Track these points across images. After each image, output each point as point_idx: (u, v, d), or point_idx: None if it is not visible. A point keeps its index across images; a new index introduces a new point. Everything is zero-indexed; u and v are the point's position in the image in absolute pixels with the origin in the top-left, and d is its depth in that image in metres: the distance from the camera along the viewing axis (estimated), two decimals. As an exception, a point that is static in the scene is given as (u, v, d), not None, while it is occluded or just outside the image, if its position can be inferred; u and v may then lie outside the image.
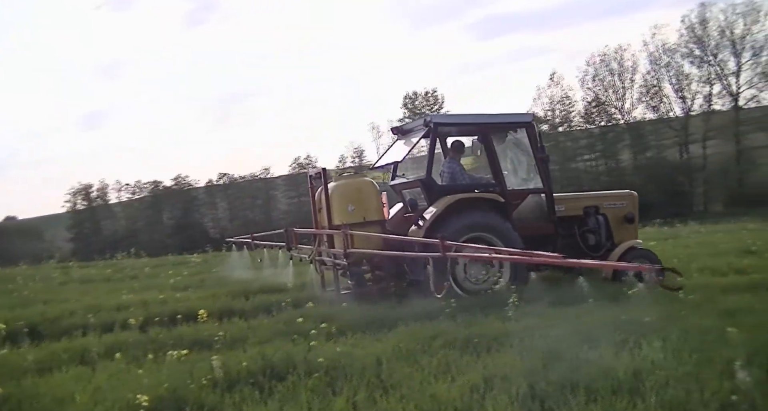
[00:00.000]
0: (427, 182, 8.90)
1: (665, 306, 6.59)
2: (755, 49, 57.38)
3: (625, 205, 9.94)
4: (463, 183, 9.17)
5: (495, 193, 8.99)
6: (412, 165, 10.00)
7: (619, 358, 4.82)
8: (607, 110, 62.85)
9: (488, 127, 9.29)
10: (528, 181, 9.51)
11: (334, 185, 9.05)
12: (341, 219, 8.78)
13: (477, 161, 9.91)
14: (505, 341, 5.57)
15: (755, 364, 4.36)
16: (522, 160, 9.62)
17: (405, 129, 10.08)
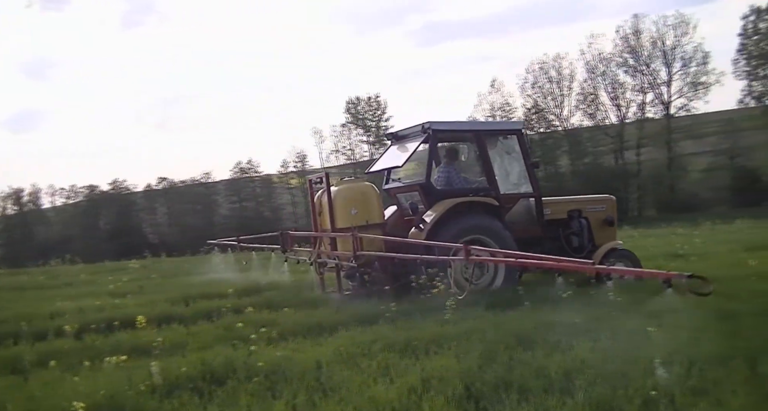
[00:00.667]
0: (426, 186, 9.23)
1: (596, 308, 6.83)
2: (685, 60, 59.83)
3: (604, 208, 10.44)
4: (459, 187, 9.45)
5: (490, 197, 9.32)
6: (404, 169, 10.23)
7: (551, 358, 5.00)
8: (546, 117, 64.31)
9: (482, 134, 9.68)
10: (519, 185, 9.86)
11: (337, 189, 9.27)
12: (344, 222, 8.97)
13: (461, 166, 10.11)
14: (443, 344, 5.70)
15: (676, 362, 4.61)
16: (512, 165, 9.95)
17: (399, 135, 10.37)
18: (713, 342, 5.13)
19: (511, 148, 9.92)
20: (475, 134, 9.68)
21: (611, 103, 62.52)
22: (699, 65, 59.77)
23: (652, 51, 60.46)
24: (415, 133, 9.81)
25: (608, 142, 62.77)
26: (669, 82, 60.59)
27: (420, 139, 9.51)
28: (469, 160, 10.13)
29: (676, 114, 61.19)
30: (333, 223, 9.13)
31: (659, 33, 59.96)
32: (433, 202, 9.10)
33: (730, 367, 4.57)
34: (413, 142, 9.73)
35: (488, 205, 9.24)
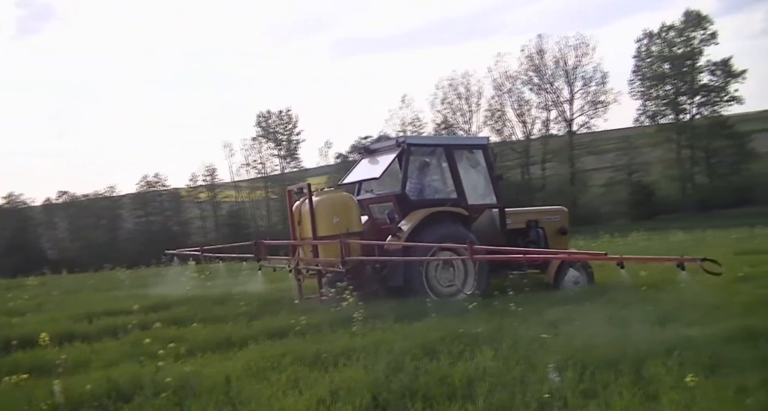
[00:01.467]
0: (401, 197, 9.69)
1: (498, 318, 7.14)
2: (585, 80, 62.62)
3: (558, 219, 11.19)
4: (431, 198, 10.03)
5: (460, 208, 9.83)
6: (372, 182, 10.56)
7: (455, 367, 5.21)
8: (455, 132, 65.68)
9: (452, 148, 10.27)
10: (484, 197, 10.42)
11: (319, 199, 9.57)
12: (326, 230, 9.31)
13: (431, 178, 10.60)
14: (352, 355, 5.82)
15: (570, 367, 4.90)
16: (478, 178, 10.48)
17: (371, 149, 10.90)
18: (604, 348, 5.46)
19: (477, 161, 10.50)
20: (446, 148, 10.26)
21: (517, 119, 64.69)
22: (598, 84, 62.82)
23: (555, 70, 63.09)
24: (389, 147, 10.31)
25: (515, 157, 64.75)
26: (571, 100, 63.33)
27: (395, 153, 9.94)
28: (438, 173, 10.62)
29: (578, 131, 63.92)
30: (315, 232, 9.38)
31: (561, 53, 62.63)
32: (408, 211, 9.56)
33: (618, 371, 4.89)
34: (387, 155, 10.19)
35: (458, 215, 9.77)
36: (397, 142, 10.06)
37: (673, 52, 61.97)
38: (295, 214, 10.04)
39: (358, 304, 7.75)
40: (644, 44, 63.92)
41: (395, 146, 10.05)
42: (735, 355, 5.10)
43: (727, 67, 61.00)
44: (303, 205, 9.77)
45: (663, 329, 6.21)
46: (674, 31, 62.26)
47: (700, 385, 4.31)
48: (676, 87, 62.57)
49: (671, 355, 5.24)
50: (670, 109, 63.32)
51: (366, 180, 10.52)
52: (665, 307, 7.29)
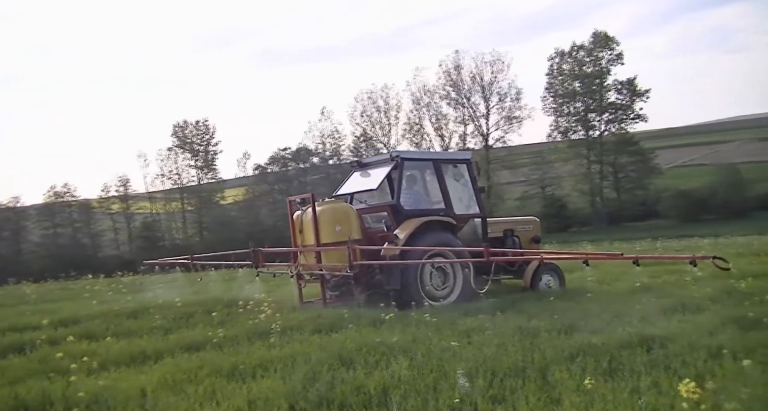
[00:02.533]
0: (396, 207, 10.29)
1: (413, 329, 7.34)
2: (501, 95, 64.40)
3: (531, 228, 12.08)
4: (423, 208, 10.62)
5: (449, 217, 10.49)
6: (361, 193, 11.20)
7: (371, 376, 5.35)
8: (374, 145, 66.23)
9: (440, 162, 11.01)
10: (469, 207, 11.18)
11: (322, 209, 9.99)
12: (329, 238, 9.78)
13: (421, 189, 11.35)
14: (269, 367, 5.88)
15: (480, 374, 5.13)
16: (463, 189, 11.28)
17: (363, 163, 11.69)
18: (512, 355, 5.72)
19: (461, 175, 11.33)
20: (434, 163, 10.99)
21: (435, 133, 65.80)
22: (513, 100, 64.61)
23: (471, 85, 64.61)
24: (382, 161, 11.04)
25: (433, 170, 65.75)
26: (487, 115, 64.97)
27: (389, 166, 10.59)
28: (427, 185, 11.35)
29: (493, 145, 65.54)
30: (318, 239, 9.79)
31: (478, 69, 64.23)
32: (402, 220, 10.18)
33: (526, 377, 5.15)
34: (380, 168, 10.89)
35: (447, 224, 10.46)
36: (390, 156, 10.72)
37: (582, 70, 64.67)
38: (296, 223, 10.43)
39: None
40: (556, 62, 66.49)
41: (389, 160, 10.69)
42: (631, 360, 5.44)
43: (632, 86, 64.18)
44: (304, 214, 10.22)
45: (567, 337, 6.53)
46: (584, 51, 65.03)
47: (598, 388, 4.60)
48: (586, 104, 65.26)
49: (574, 361, 5.55)
50: (581, 126, 65.99)
51: (363, 191, 11.08)
52: (571, 316, 7.64)
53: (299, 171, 66.55)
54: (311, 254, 10.03)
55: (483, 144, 65.41)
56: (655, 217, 62.22)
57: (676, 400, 4.06)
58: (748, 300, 7.85)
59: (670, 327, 6.66)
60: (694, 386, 3.60)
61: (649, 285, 10.08)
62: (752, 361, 4.68)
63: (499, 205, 63.64)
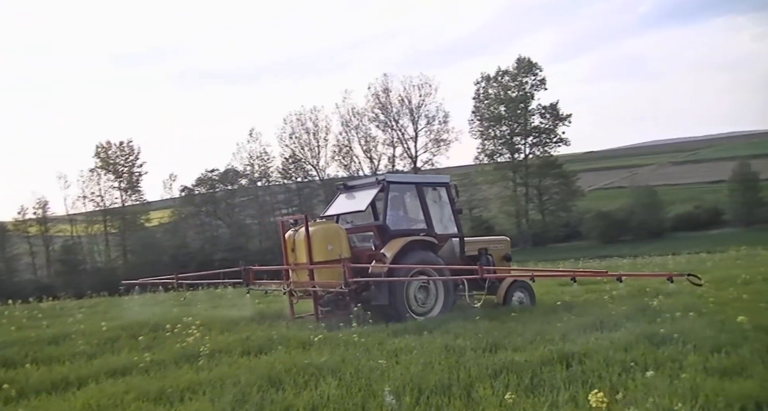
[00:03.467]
0: (382, 227, 10.79)
1: (342, 349, 7.43)
2: (429, 118, 65.47)
3: (503, 247, 12.67)
4: (406, 228, 11.18)
5: (431, 237, 11.06)
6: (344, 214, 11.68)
7: (300, 396, 5.42)
8: (303, 167, 66.17)
9: (422, 185, 11.63)
10: (447, 227, 11.72)
11: (314, 229, 10.45)
12: (322, 256, 10.26)
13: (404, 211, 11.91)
14: (197, 390, 5.87)
15: (407, 392, 5.27)
16: (442, 211, 11.82)
17: (349, 185, 12.17)
18: (439, 373, 5.89)
19: (440, 197, 11.87)
20: (417, 185, 11.60)
21: (364, 155, 66.22)
22: (441, 123, 65.78)
23: (400, 108, 65.48)
24: (369, 184, 11.63)
25: (362, 192, 66.07)
26: (415, 137, 65.89)
27: (375, 189, 11.16)
28: (411, 207, 11.85)
29: (422, 167, 66.37)
30: (311, 258, 10.24)
31: (406, 92, 65.16)
32: (387, 240, 10.68)
33: (451, 394, 5.32)
34: (367, 190, 11.47)
35: (429, 243, 11.03)
36: (377, 179, 11.32)
37: (507, 95, 66.41)
38: (288, 242, 10.79)
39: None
40: (482, 87, 68.09)
41: (375, 183, 11.30)
42: (551, 376, 5.69)
43: (555, 110, 66.32)
44: (296, 234, 10.63)
45: (492, 355, 6.75)
46: (508, 76, 66.84)
47: (520, 403, 4.81)
48: (511, 128, 67.01)
49: (498, 377, 5.77)
50: (506, 149, 67.63)
51: (352, 212, 11.59)
52: (495, 334, 7.87)
53: (227, 193, 65.75)
54: (303, 272, 10.45)
55: (411, 166, 66.19)
56: (578, 238, 64.20)
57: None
58: (660, 317, 8.25)
59: (588, 344, 6.95)
60: (602, 396, 3.83)
61: (571, 304, 10.46)
62: (656, 372, 4.97)
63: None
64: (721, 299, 9.75)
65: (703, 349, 6.32)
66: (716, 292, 10.69)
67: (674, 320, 7.98)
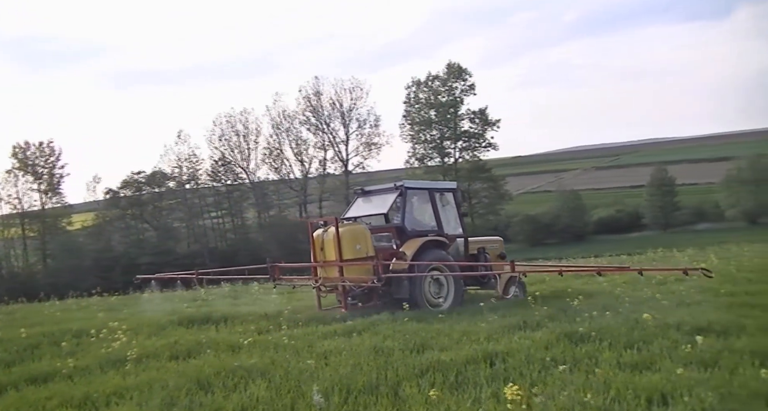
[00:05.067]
0: (401, 228, 11.92)
1: (272, 352, 7.48)
2: (360, 122, 65.58)
3: (498, 246, 13.73)
4: (422, 229, 12.25)
5: (443, 237, 12.17)
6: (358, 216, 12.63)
7: (229, 398, 5.45)
8: (233, 169, 65.23)
9: (434, 191, 12.81)
10: (455, 228, 12.87)
11: (344, 229, 11.31)
12: (351, 254, 11.13)
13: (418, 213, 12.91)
14: (124, 394, 5.83)
15: (336, 391, 5.38)
16: (450, 214, 12.96)
17: (367, 190, 13.37)
18: (367, 374, 6.01)
19: (449, 201, 13.06)
20: (429, 191, 12.78)
21: (295, 158, 65.77)
22: (372, 127, 65.91)
23: (331, 111, 65.29)
24: (387, 189, 12.69)
25: (293, 195, 65.77)
26: (347, 141, 65.83)
27: (395, 194, 12.28)
28: (423, 210, 12.88)
29: (353, 171, 66.47)
30: (341, 256, 11.08)
31: (337, 95, 65.09)
32: (405, 240, 11.79)
33: (379, 393, 5.46)
34: (386, 195, 12.60)
35: (441, 242, 12.10)
36: (395, 185, 12.41)
37: (438, 100, 67.13)
38: (316, 242, 11.65)
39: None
40: (413, 91, 68.61)
41: (394, 189, 12.39)
42: (475, 374, 5.90)
43: (484, 116, 67.37)
44: (325, 234, 11.50)
45: (419, 355, 6.92)
46: (439, 81, 67.58)
47: (444, 400, 4.98)
48: (441, 132, 67.71)
49: (424, 376, 5.94)
50: (437, 153, 68.28)
51: (374, 215, 12.61)
52: (423, 335, 8.06)
53: (154, 195, 64.25)
54: (332, 268, 11.35)
55: (343, 169, 66.21)
56: (506, 242, 65.37)
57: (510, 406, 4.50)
58: (580, 317, 8.61)
59: (512, 343, 7.21)
60: (517, 389, 4.04)
61: (496, 305, 10.74)
62: (573, 368, 5.24)
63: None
64: (636, 299, 10.22)
65: (617, 345, 6.67)
66: (632, 292, 11.19)
67: (592, 319, 8.35)
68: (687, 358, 5.89)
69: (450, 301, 11.70)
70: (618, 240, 65.92)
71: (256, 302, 13.82)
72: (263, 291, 13.13)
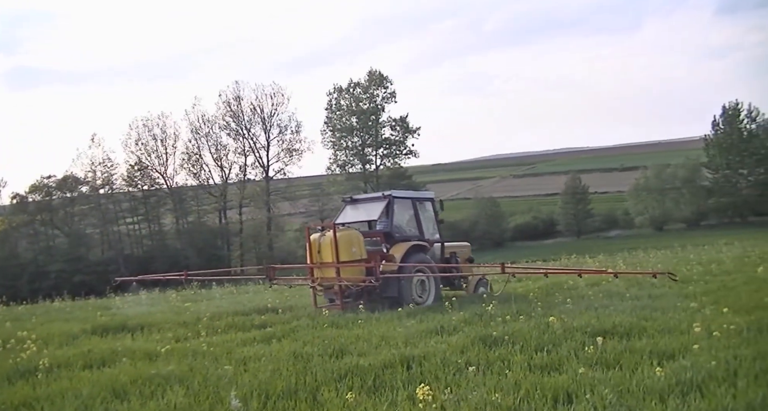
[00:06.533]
0: (388, 234, 13.14)
1: (190, 358, 7.44)
2: (281, 127, 65.13)
3: (466, 251, 15.32)
4: (407, 234, 13.57)
5: (424, 241, 13.47)
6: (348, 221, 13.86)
7: (146, 406, 5.43)
8: (150, 174, 63.56)
9: (415, 200, 14.20)
10: (433, 234, 14.25)
11: (341, 234, 12.34)
12: (347, 257, 12.17)
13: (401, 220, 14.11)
14: (35, 405, 5.69)
15: (254, 397, 5.44)
16: (428, 221, 14.28)
17: (355, 199, 14.80)
18: (286, 379, 6.08)
19: (427, 209, 14.46)
20: (412, 200, 14.14)
21: (215, 163, 64.66)
22: (293, 133, 65.52)
23: (252, 116, 64.52)
24: (375, 198, 14.10)
25: (212, 201, 64.66)
26: (267, 146, 65.22)
27: (383, 202, 13.48)
28: (407, 217, 14.09)
29: (274, 177, 65.92)
30: (338, 258, 12.07)
31: (258, 100, 64.45)
32: (393, 244, 13.02)
33: (297, 398, 5.54)
34: (375, 203, 13.86)
35: (423, 247, 13.39)
36: (383, 195, 13.74)
37: (359, 107, 67.45)
38: (314, 245, 12.61)
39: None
40: (334, 98, 68.72)
41: (382, 198, 13.67)
42: (392, 377, 6.05)
43: (405, 123, 68.16)
44: (322, 238, 12.52)
45: (338, 360, 7.03)
46: (360, 88, 67.94)
47: (362, 403, 5.11)
48: (362, 139, 68.08)
49: (342, 381, 6.05)
50: (358, 160, 68.61)
51: (364, 222, 14.13)
52: (342, 341, 8.17)
53: (66, 200, 61.86)
54: (329, 269, 12.35)
55: (263, 175, 65.58)
56: (424, 249, 66.33)
57: (422, 406, 4.67)
58: (494, 321, 8.92)
59: (428, 347, 7.41)
60: (428, 390, 4.22)
61: (414, 311, 10.96)
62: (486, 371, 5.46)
63: (280, 237, 63.90)
64: (547, 304, 10.64)
65: (528, 348, 6.96)
66: (545, 297, 11.63)
67: (506, 323, 8.65)
68: (591, 359, 6.22)
69: (432, 299, 12.91)
70: (534, 246, 67.87)
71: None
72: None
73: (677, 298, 10.63)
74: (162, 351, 7.89)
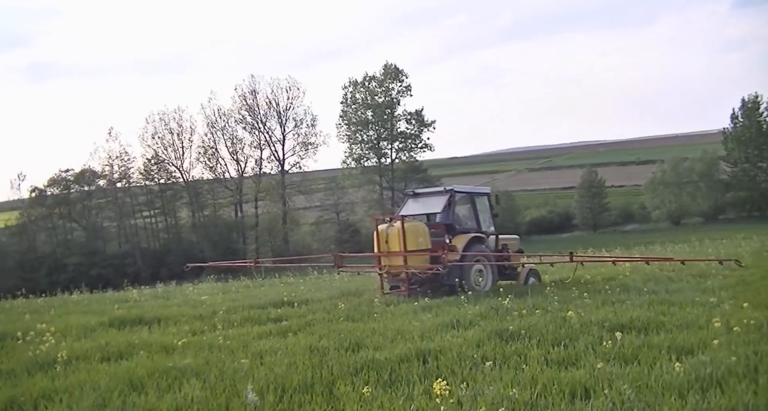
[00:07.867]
0: (449, 225, 14.02)
1: (206, 352, 7.47)
2: (297, 121, 65.31)
3: (516, 243, 16.15)
4: (467, 226, 14.52)
5: (482, 233, 14.38)
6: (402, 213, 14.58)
7: (163, 399, 5.44)
8: (166, 168, 63.95)
9: (473, 195, 15.18)
10: (489, 226, 15.10)
11: (408, 225, 13.23)
12: (414, 246, 13.03)
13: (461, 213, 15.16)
14: (54, 397, 5.73)
15: (270, 390, 5.44)
16: (485, 214, 15.09)
17: (417, 193, 15.78)
18: (302, 373, 6.09)
19: (484, 203, 15.27)
20: (470, 194, 15.13)
21: (231, 157, 65.00)
22: (308, 127, 65.74)
23: (267, 110, 64.81)
24: (437, 193, 15.20)
25: (228, 194, 64.95)
26: (283, 140, 65.49)
27: (446, 196, 14.32)
28: (466, 210, 15.09)
29: (289, 170, 66.10)
30: (405, 247, 12.95)
31: (274, 94, 64.64)
32: (454, 235, 13.94)
33: (314, 391, 5.53)
34: (437, 197, 14.79)
35: (481, 238, 14.29)
36: (445, 189, 14.75)
37: (374, 100, 67.37)
38: (381, 235, 13.56)
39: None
40: (350, 91, 68.69)
41: (444, 192, 14.65)
42: (408, 372, 6.04)
43: (420, 117, 68.01)
44: (389, 228, 13.49)
45: (354, 354, 7.02)
46: (375, 82, 67.83)
47: (378, 397, 5.10)
48: (378, 133, 68.03)
49: (358, 374, 6.05)
50: (373, 153, 68.57)
51: (428, 214, 14.76)
52: (358, 334, 8.17)
53: (83, 194, 62.35)
54: (396, 258, 13.21)
55: (279, 169, 65.78)
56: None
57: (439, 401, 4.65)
58: (510, 315, 8.88)
59: (444, 341, 7.39)
60: (445, 385, 4.20)
61: (429, 305, 10.93)
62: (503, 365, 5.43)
63: (295, 231, 64.08)
64: (564, 298, 10.57)
65: (545, 343, 6.92)
66: (561, 292, 11.56)
67: (522, 317, 8.61)
68: (609, 354, 6.17)
69: (489, 286, 13.74)
70: (550, 240, 67.52)
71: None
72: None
73: (695, 292, 10.55)
74: (179, 344, 7.92)
